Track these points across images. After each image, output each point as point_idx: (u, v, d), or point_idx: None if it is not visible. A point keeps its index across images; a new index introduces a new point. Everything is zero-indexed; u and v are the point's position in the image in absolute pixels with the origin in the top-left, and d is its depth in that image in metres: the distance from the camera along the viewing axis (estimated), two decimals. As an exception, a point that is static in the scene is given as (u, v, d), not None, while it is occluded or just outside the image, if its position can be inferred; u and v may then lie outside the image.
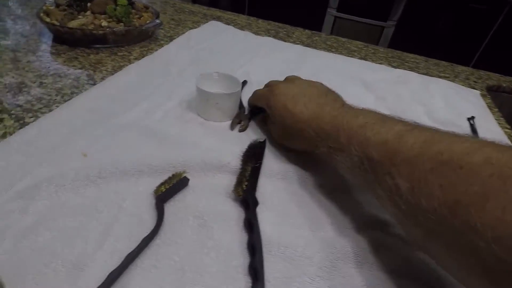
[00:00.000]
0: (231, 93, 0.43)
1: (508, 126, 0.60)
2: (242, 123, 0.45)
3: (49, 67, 0.55)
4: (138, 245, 0.27)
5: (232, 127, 0.45)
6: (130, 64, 0.58)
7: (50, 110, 0.43)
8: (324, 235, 0.32)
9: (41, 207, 0.30)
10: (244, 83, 0.56)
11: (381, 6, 2.60)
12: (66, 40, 0.62)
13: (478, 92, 0.70)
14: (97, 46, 0.63)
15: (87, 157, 0.36)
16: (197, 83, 0.44)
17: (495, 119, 0.61)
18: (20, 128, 0.39)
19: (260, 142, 0.41)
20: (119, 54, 0.63)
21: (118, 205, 0.31)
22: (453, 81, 0.75)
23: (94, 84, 0.51)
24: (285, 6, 2.85)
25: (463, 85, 0.73)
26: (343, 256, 0.30)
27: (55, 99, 0.47)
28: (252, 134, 0.44)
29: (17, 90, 0.47)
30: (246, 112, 0.48)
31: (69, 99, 0.46)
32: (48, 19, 0.61)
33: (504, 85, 0.79)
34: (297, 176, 0.38)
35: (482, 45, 2.44)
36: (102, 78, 0.53)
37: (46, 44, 0.62)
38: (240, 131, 0.45)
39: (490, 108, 0.65)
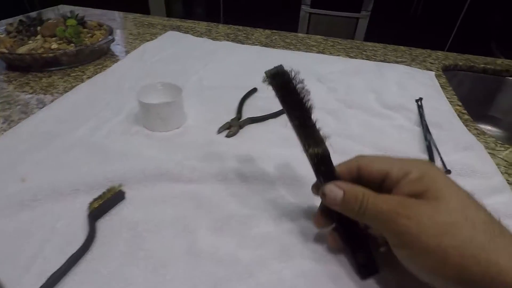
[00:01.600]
0: (170, 102, 0.44)
1: (460, 103, 0.61)
2: (232, 128, 0.46)
3: (-2, 96, 0.55)
4: (64, 263, 0.27)
5: (219, 131, 0.46)
6: (83, 83, 0.59)
7: (-6, 139, 0.44)
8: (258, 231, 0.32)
9: (-27, 236, 0.30)
10: (254, 90, 0.57)
11: (353, -3, 2.62)
12: (18, 67, 0.63)
13: (433, 73, 0.71)
14: (51, 69, 0.63)
15: (26, 181, 0.36)
16: (138, 95, 0.44)
17: (447, 97, 0.62)
18: (-40, 159, 0.39)
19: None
20: (72, 74, 0.63)
21: (51, 226, 0.32)
22: (409, 64, 0.76)
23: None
24: (259, 10, 2.87)
25: (419, 68, 0.74)
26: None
27: (1, 127, 0.47)
28: (232, 142, 0.45)
29: (-37, 122, 0.47)
30: (242, 118, 0.48)
31: (15, 126, 0.46)
32: (-3, 48, 0.62)
33: (461, 63, 0.80)
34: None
35: (455, 26, 2.47)
36: (52, 101, 0.53)
37: (-2, 73, 0.62)
38: (227, 136, 0.45)
39: (444, 87, 0.66)
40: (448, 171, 0.40)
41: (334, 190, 0.26)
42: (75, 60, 0.65)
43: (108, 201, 0.33)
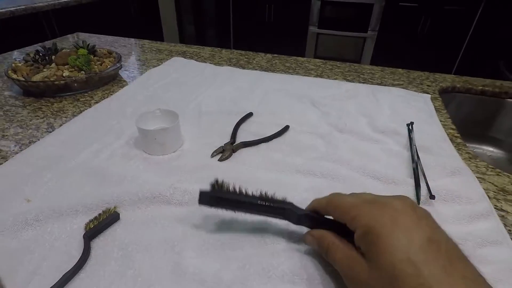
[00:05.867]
0: (167, 128, 0.47)
1: (453, 127, 0.62)
2: (224, 152, 0.49)
3: (13, 120, 0.59)
4: (58, 281, 0.30)
5: (212, 155, 0.48)
6: (90, 108, 0.63)
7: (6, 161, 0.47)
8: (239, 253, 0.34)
9: (-21, 254, 0.33)
10: (250, 115, 0.60)
11: (360, 17, 2.68)
12: (33, 93, 0.68)
13: (428, 96, 0.72)
14: (62, 94, 0.68)
15: (31, 202, 0.39)
16: (136, 121, 0.48)
17: (441, 120, 0.63)
18: (-26, 181, 0.43)
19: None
20: (81, 99, 0.67)
21: (50, 245, 0.34)
22: (406, 87, 0.77)
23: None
24: (268, 31, 2.96)
25: (415, 90, 0.76)
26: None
27: (13, 150, 0.51)
28: (224, 165, 0.47)
29: (-21, 145, 0.51)
30: (236, 143, 0.51)
31: (25, 149, 0.50)
32: (14, 75, 0.67)
33: (458, 85, 0.81)
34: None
35: (463, 46, 2.47)
36: (61, 125, 0.57)
37: (14, 99, 0.68)
38: (220, 160, 0.48)
39: (438, 110, 0.67)
40: (433, 197, 0.41)
41: (309, 239, 0.33)
42: (85, 86, 0.70)
43: (103, 222, 0.35)
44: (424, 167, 0.47)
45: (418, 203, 0.41)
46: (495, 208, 0.41)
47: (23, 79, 0.66)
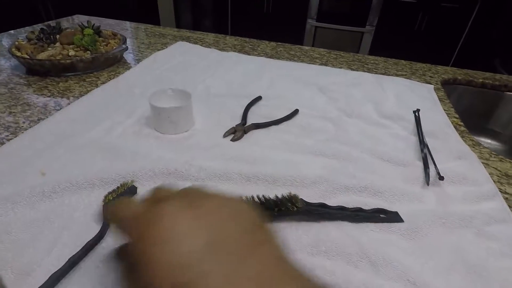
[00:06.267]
0: (180, 106, 0.47)
1: (457, 116, 0.63)
2: (237, 133, 0.49)
3: (19, 98, 0.58)
4: (81, 249, 0.30)
5: (224, 135, 0.49)
6: (98, 87, 0.62)
7: (16, 137, 0.47)
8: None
9: (-3, 223, 0.33)
10: (258, 98, 0.60)
11: (359, 12, 2.68)
12: (37, 71, 0.67)
13: (431, 86, 0.74)
14: (67, 74, 0.67)
15: (46, 175, 0.39)
16: (149, 99, 0.47)
17: (445, 109, 0.64)
18: (-15, 154, 0.42)
19: None
20: (87, 80, 0.67)
21: (69, 216, 0.34)
22: (409, 78, 0.79)
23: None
24: (266, 23, 2.94)
25: (419, 81, 0.77)
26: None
27: (22, 126, 0.50)
28: (237, 145, 0.47)
29: (-14, 121, 0.51)
30: (247, 124, 0.51)
31: (35, 125, 0.50)
32: (18, 53, 0.66)
33: (460, 77, 0.83)
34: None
35: (459, 42, 2.50)
36: (69, 104, 0.57)
37: (18, 77, 0.66)
38: (232, 140, 0.48)
39: (442, 100, 0.69)
40: (442, 178, 0.42)
41: None
42: (91, 67, 0.69)
43: (122, 195, 0.36)
44: (432, 151, 0.48)
45: (428, 184, 0.42)
46: (499, 191, 0.43)
47: (28, 56, 0.65)
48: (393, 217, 0.36)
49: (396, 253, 0.32)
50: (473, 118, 0.87)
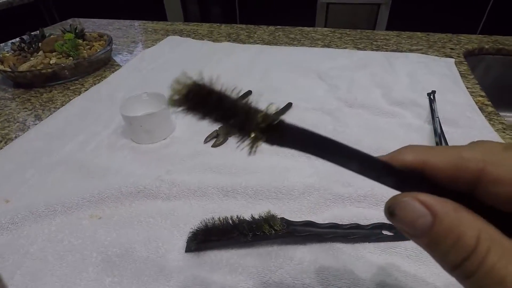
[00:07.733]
0: (153, 113, 0.42)
1: (483, 94, 0.54)
2: (219, 137, 0.43)
3: (1, 114, 0.56)
4: (26, 294, 0.26)
5: (205, 140, 0.44)
6: (79, 96, 0.59)
7: (-12, 158, 0.44)
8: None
9: (-51, 263, 0.30)
10: (248, 93, 0.54)
11: (373, -18, 2.48)
12: (22, 84, 0.64)
13: (452, 60, 0.64)
14: (52, 84, 0.64)
15: (9, 203, 0.36)
16: (120, 108, 0.43)
17: (468, 87, 0.55)
18: (-47, 182, 0.40)
19: None
20: (71, 88, 0.63)
21: (25, 251, 0.31)
22: (426, 52, 0.69)
23: (38, 124, 0.52)
24: (275, 5, 2.81)
25: (436, 55, 0.67)
26: (249, 277, 0.27)
27: (-2, 146, 0.48)
28: (218, 152, 0.42)
29: (-37, 142, 0.49)
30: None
31: (9, 144, 0.47)
32: (1, 66, 0.64)
33: (487, 46, 0.72)
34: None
35: (487, 7, 2.25)
36: (50, 116, 0.54)
37: (4, 91, 0.64)
38: (213, 146, 0.43)
39: (464, 76, 0.59)
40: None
41: (417, 208, 0.13)
42: (76, 73, 0.66)
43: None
44: (450, 142, 0.40)
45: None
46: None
47: (9, 69, 0.62)
48: (397, 234, 0.29)
49: (401, 282, 0.26)
50: (505, 92, 0.76)
